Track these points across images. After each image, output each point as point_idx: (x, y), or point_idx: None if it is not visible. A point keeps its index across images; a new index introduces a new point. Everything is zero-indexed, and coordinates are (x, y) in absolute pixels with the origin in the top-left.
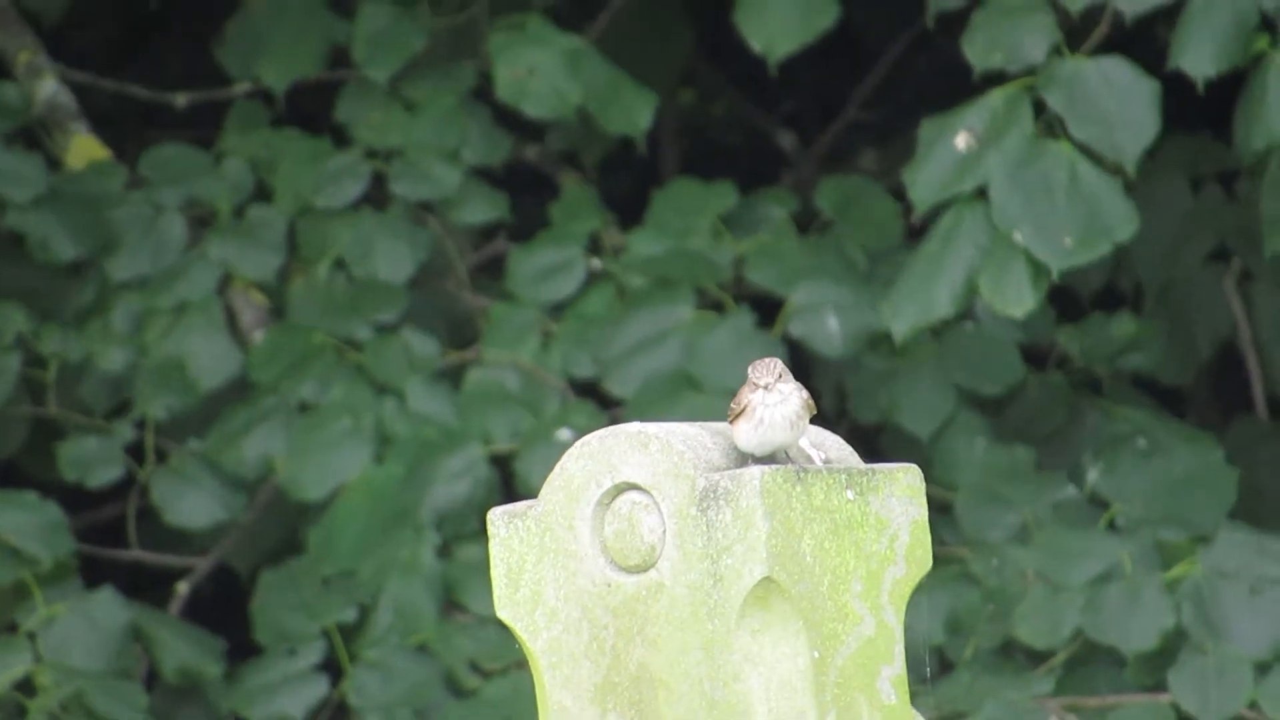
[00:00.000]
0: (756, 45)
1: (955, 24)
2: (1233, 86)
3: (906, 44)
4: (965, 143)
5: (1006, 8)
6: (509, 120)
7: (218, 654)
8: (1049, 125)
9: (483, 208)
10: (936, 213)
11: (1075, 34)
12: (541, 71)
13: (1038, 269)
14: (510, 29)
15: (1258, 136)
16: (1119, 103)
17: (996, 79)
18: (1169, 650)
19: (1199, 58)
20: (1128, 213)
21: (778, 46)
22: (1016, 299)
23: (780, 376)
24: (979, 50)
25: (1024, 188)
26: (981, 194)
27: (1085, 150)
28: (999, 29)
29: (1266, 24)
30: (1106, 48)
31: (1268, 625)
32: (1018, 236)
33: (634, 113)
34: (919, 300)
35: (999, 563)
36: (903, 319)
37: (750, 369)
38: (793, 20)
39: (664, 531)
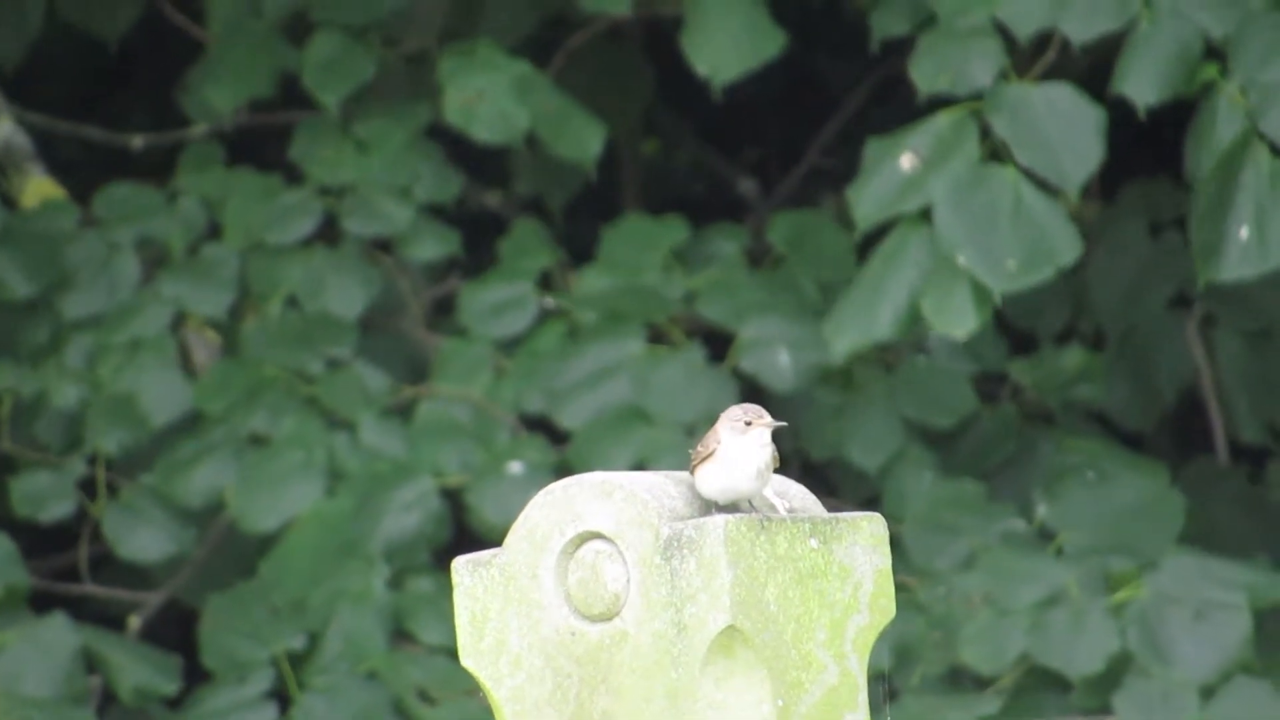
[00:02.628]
0: (702, 69)
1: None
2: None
3: (868, 90)
4: (910, 163)
5: (954, 32)
6: (467, 160)
7: (174, 673)
8: (994, 150)
9: (435, 245)
10: (881, 234)
11: (1024, 60)
12: (490, 96)
13: (981, 292)
14: (459, 54)
15: (1205, 164)
16: (1063, 129)
17: (942, 102)
18: (1115, 674)
19: (1141, 84)
20: (1071, 238)
21: (723, 71)
22: (959, 320)
23: (767, 423)
24: (925, 73)
25: (968, 211)
26: (925, 215)
27: (1030, 175)
28: (946, 53)
29: (1215, 53)
30: (1057, 79)
31: (1213, 649)
32: (961, 259)
33: (584, 141)
34: (860, 321)
35: (946, 590)
36: (844, 339)
37: (736, 410)
38: (739, 46)
39: (628, 580)
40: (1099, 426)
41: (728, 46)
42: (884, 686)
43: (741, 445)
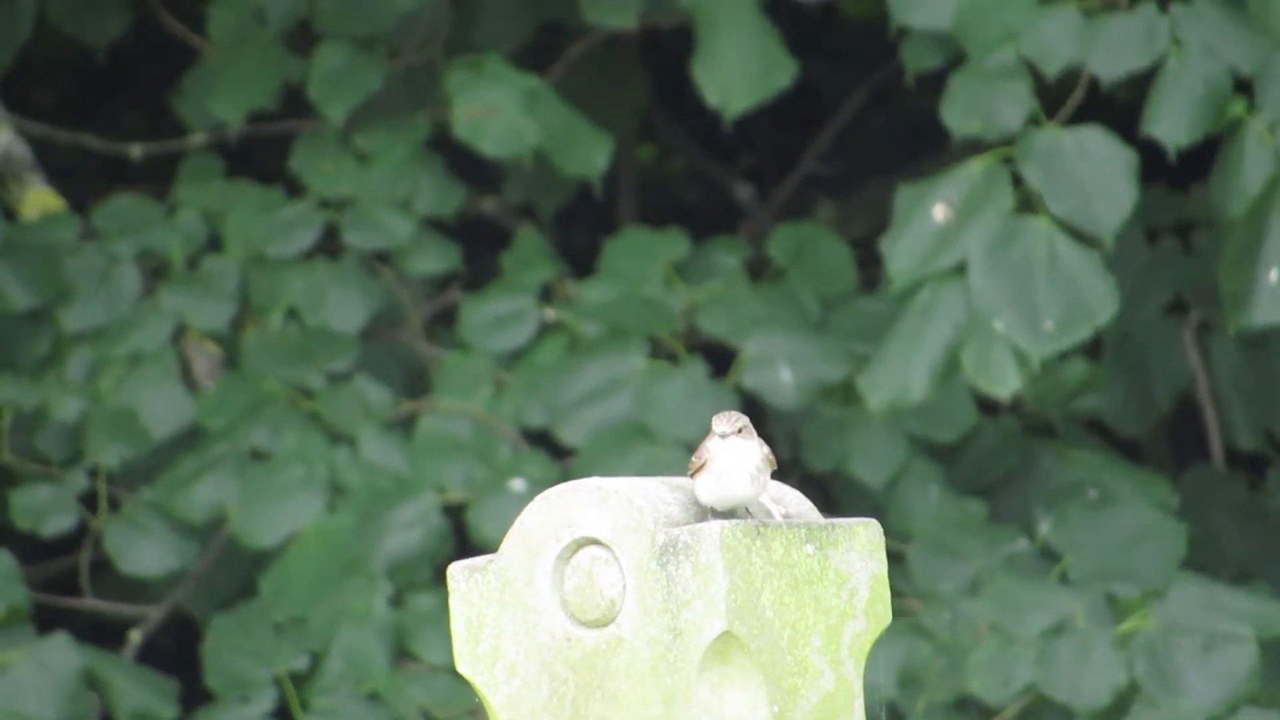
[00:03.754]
0: (712, 99)
1: (915, 80)
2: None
3: (864, 98)
4: (943, 214)
5: (983, 74)
6: (465, 171)
7: (172, 697)
8: (1027, 196)
9: (435, 258)
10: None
11: (1051, 96)
12: (500, 111)
13: (1021, 352)
14: (468, 67)
15: (1234, 203)
16: (1096, 174)
17: (973, 144)
18: (1121, 704)
19: (1172, 126)
20: (1107, 291)
21: (734, 102)
22: (1000, 380)
23: (740, 430)
24: (957, 117)
25: (1003, 268)
26: (959, 269)
27: (1064, 225)
28: (976, 96)
29: (1244, 87)
30: (1083, 111)
31: (1220, 680)
32: (998, 325)
33: (590, 155)
34: (897, 378)
35: (951, 616)
36: (879, 394)
37: (716, 419)
38: (750, 76)
39: (624, 586)
40: (1097, 435)
41: (738, 76)
42: (884, 714)
43: (727, 454)
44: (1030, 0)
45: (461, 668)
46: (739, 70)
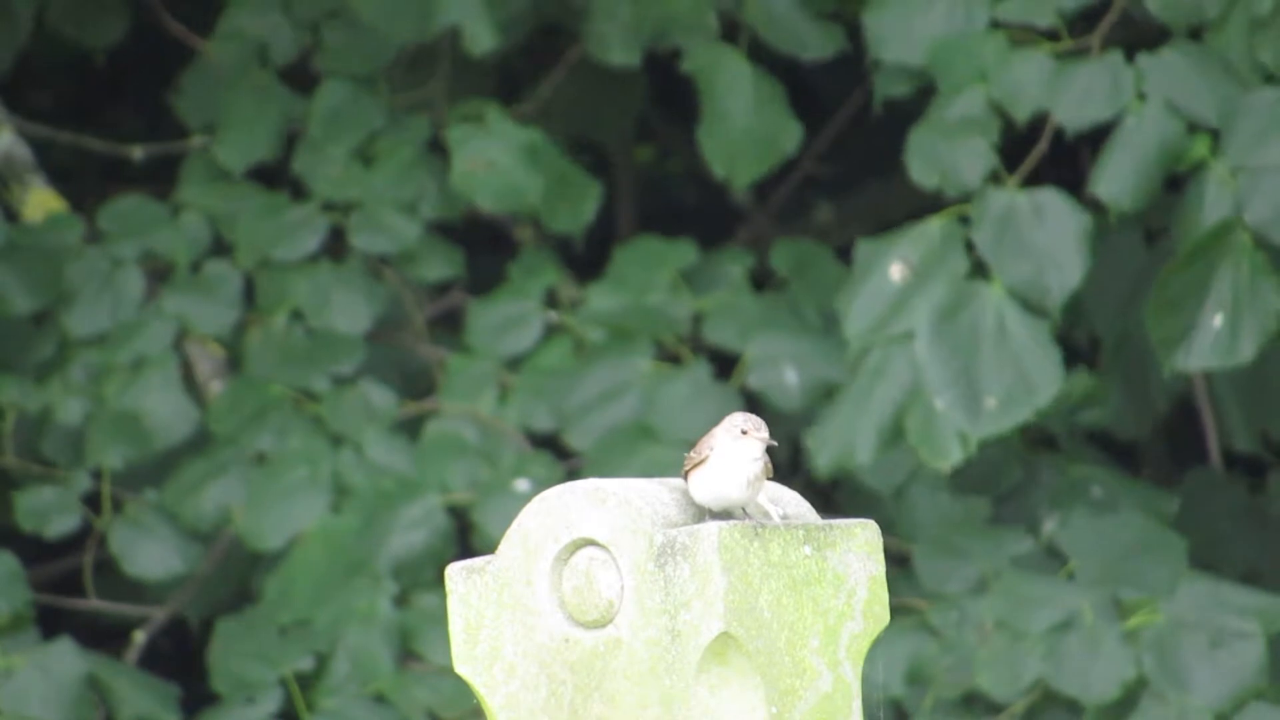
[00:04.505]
0: (718, 171)
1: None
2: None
3: (861, 100)
4: (899, 274)
5: (947, 125)
6: None
7: (174, 703)
8: (980, 261)
9: (439, 264)
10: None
11: (1015, 145)
12: (499, 167)
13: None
14: (468, 120)
15: (1192, 240)
16: (1050, 240)
17: (934, 197)
18: (1129, 700)
19: (1119, 188)
20: (1052, 370)
21: (741, 174)
22: (942, 452)
23: (764, 438)
24: (919, 169)
25: (950, 340)
26: (910, 334)
27: (1014, 293)
28: (939, 149)
29: (1209, 130)
30: (1046, 160)
31: (1228, 676)
32: (939, 403)
33: (579, 207)
34: (843, 439)
35: (958, 614)
36: (826, 454)
37: (738, 417)
38: (757, 146)
39: (622, 587)
40: (1098, 445)
41: (745, 147)
42: (889, 712)
43: (734, 454)
44: (1002, 41)
45: (460, 668)
46: (743, 140)
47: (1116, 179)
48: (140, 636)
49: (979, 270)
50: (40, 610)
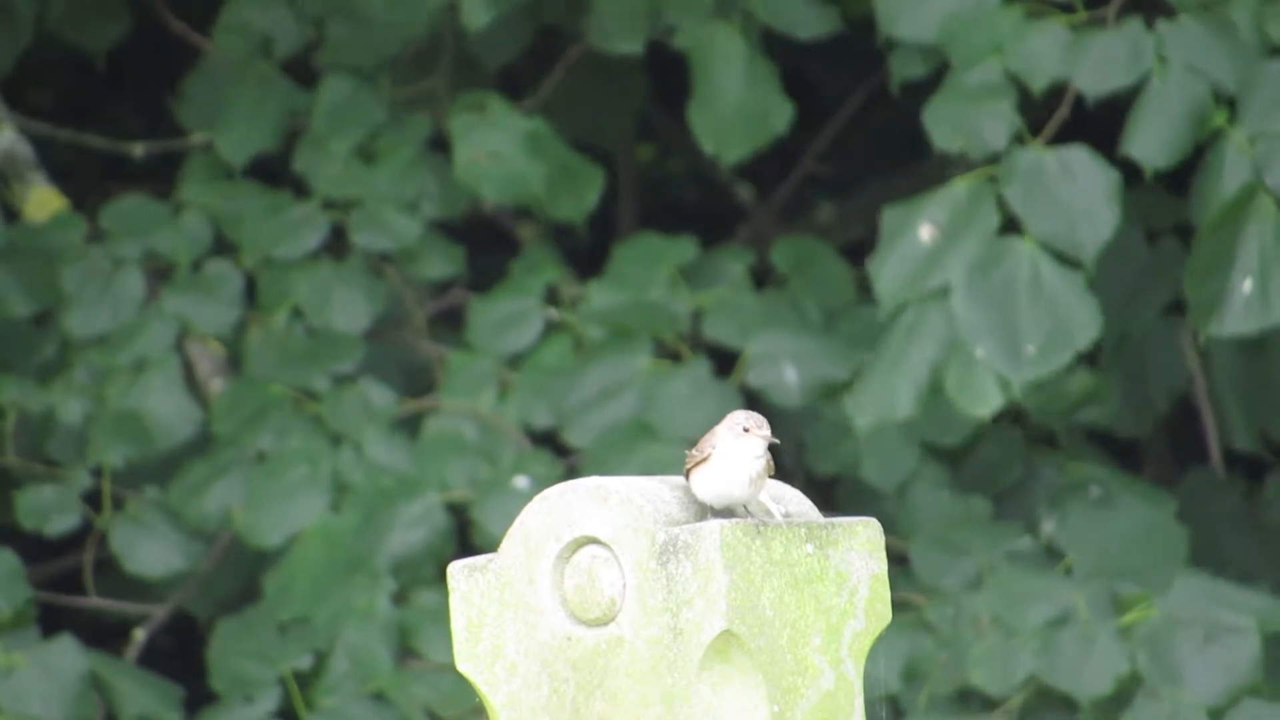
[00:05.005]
0: (708, 148)
1: (913, 82)
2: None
3: (863, 98)
4: (929, 235)
5: (967, 91)
6: None
7: (175, 701)
8: (1011, 218)
9: (440, 262)
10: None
11: (1035, 111)
12: (502, 157)
13: (1003, 376)
14: (471, 110)
15: (1212, 211)
16: (1079, 196)
17: (958, 159)
18: (1123, 695)
19: (1151, 147)
20: (1090, 315)
21: (730, 151)
22: (981, 401)
23: (766, 435)
24: (942, 134)
25: (985, 292)
26: (944, 291)
27: (1047, 246)
28: (960, 114)
29: (1226, 100)
30: (1066, 125)
31: (1222, 671)
32: (979, 352)
33: (581, 195)
34: (882, 397)
35: (954, 610)
36: (866, 414)
37: (740, 414)
38: (747, 123)
39: (624, 585)
40: (1099, 444)
41: (735, 124)
42: (885, 708)
43: (737, 451)
44: (1017, 14)
45: (462, 667)
46: (734, 117)
47: (1148, 139)
48: (140, 634)
49: (1010, 227)
50: (41, 609)
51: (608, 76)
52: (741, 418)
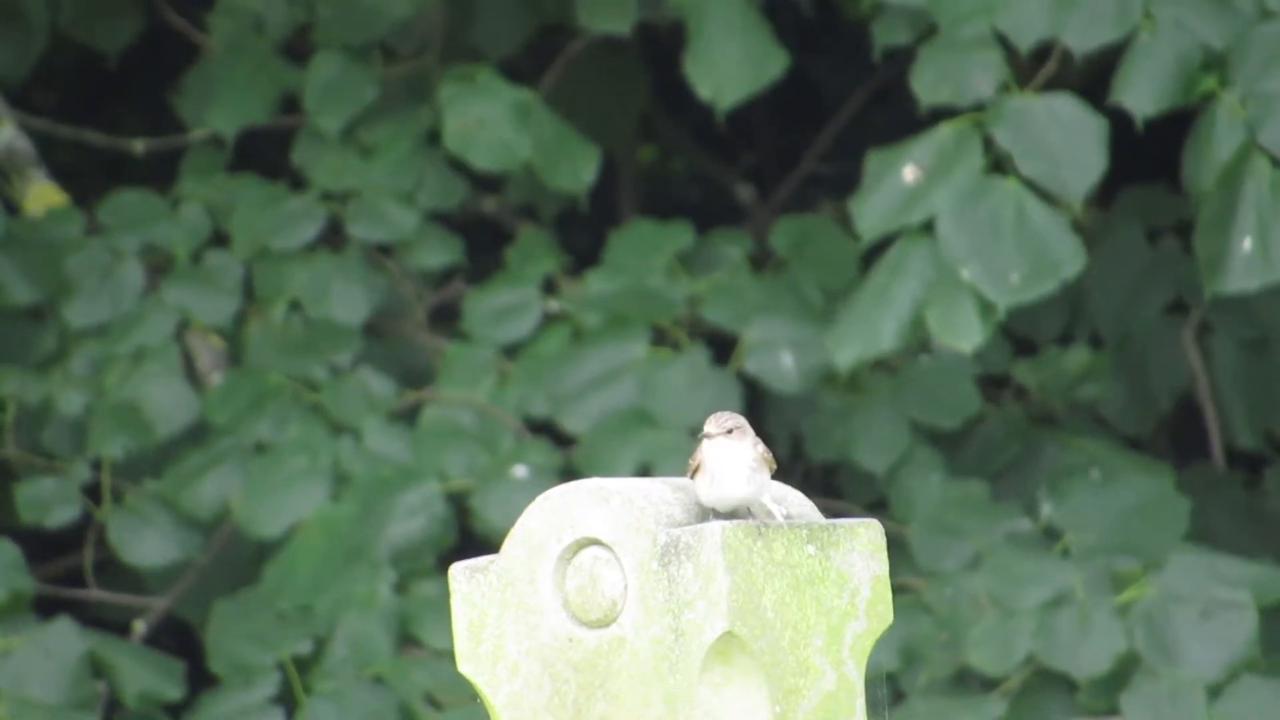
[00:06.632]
0: (704, 93)
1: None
2: (1188, 135)
3: (865, 97)
4: (913, 175)
5: (954, 43)
6: (466, 169)
7: (178, 678)
8: (997, 161)
9: (438, 251)
10: (884, 245)
11: (1025, 73)
12: (490, 124)
13: (985, 305)
14: (460, 80)
15: (1205, 175)
16: (1066, 139)
17: (944, 114)
18: (1122, 674)
19: (1140, 95)
20: (1074, 249)
21: (726, 95)
22: (964, 333)
23: (730, 431)
24: (927, 85)
25: (971, 224)
26: (928, 228)
27: (1033, 187)
28: (947, 64)
29: (1214, 63)
30: (1057, 88)
31: (1220, 648)
32: (965, 273)
33: (578, 168)
34: (864, 332)
35: (952, 591)
36: (847, 350)
37: (706, 421)
38: (742, 68)
39: (625, 586)
40: (1101, 430)
41: (730, 69)
42: (881, 690)
43: (718, 455)
44: None
45: (463, 667)
46: (730, 63)
47: (1137, 88)
48: (140, 626)
49: (996, 169)
50: (42, 603)
51: (609, 76)
52: (705, 425)
